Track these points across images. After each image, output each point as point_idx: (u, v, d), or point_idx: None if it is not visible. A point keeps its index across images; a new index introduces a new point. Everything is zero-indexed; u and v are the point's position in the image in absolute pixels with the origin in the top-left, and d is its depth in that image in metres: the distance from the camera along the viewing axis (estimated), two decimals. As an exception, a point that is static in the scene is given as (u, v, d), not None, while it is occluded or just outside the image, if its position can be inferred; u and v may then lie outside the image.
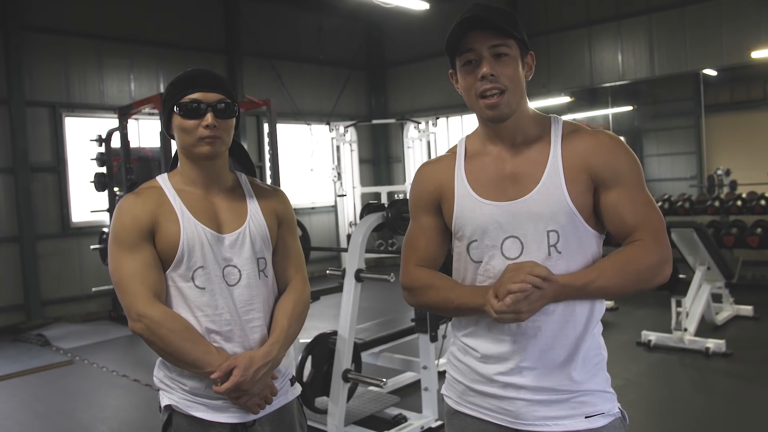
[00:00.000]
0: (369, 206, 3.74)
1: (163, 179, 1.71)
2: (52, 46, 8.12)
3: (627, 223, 1.43)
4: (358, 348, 3.85)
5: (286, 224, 1.81)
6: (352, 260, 3.54)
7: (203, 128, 1.60)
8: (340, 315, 3.52)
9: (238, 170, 1.85)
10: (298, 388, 1.85)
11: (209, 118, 1.60)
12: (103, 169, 7.78)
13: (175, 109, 1.62)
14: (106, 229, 7.84)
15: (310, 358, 3.55)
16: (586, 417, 1.43)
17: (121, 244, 1.62)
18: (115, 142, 7.61)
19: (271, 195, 1.81)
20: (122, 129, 7.45)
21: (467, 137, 1.62)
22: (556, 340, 1.43)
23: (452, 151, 1.61)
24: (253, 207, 1.74)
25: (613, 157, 1.44)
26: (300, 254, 1.85)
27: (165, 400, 1.70)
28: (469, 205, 1.49)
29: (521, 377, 1.44)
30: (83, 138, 8.11)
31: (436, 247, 1.61)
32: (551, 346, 1.44)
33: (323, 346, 3.58)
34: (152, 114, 8.11)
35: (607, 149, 1.45)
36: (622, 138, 1.52)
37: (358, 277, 3.51)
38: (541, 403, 1.43)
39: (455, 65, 1.49)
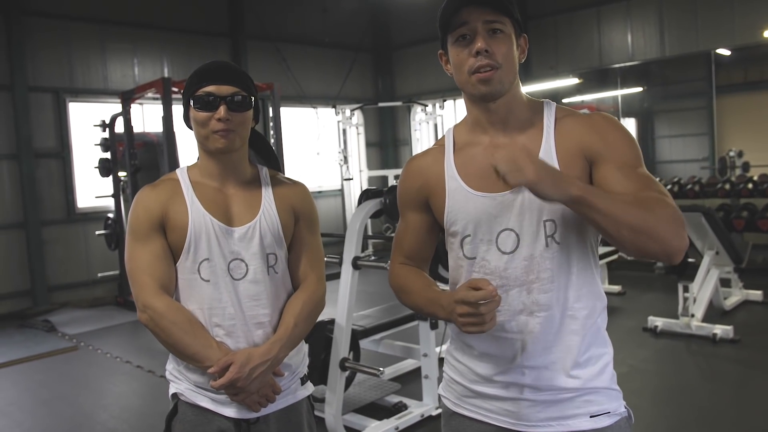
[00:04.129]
0: (367, 192, 3.69)
1: (181, 171, 1.72)
2: (54, 31, 8.08)
3: (629, 188, 1.29)
4: (357, 335, 3.82)
5: (305, 220, 1.77)
6: (350, 248, 3.50)
7: (216, 121, 1.58)
8: (338, 303, 3.48)
9: (261, 164, 1.82)
10: (309, 388, 1.82)
11: (222, 111, 1.58)
12: (108, 155, 7.76)
13: (190, 101, 1.62)
14: (111, 215, 7.85)
15: (307, 346, 3.52)
16: (590, 416, 1.37)
17: (134, 235, 1.65)
18: (119, 127, 7.57)
19: (290, 189, 1.77)
20: (126, 114, 7.40)
21: (455, 128, 1.55)
22: (557, 336, 1.37)
23: (440, 144, 1.55)
24: (268, 201, 1.71)
25: (606, 135, 1.37)
26: (318, 251, 1.81)
27: (173, 389, 1.72)
28: (461, 199, 1.43)
29: (523, 376, 1.39)
30: (87, 123, 8.06)
31: (421, 244, 1.59)
32: (553, 343, 1.37)
33: (321, 335, 3.55)
34: (156, 98, 8.06)
35: (599, 128, 1.38)
36: (629, 120, 1.42)
37: (356, 264, 3.46)
38: (544, 403, 1.38)
39: (446, 44, 1.42)
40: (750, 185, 7.79)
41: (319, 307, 1.77)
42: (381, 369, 3.40)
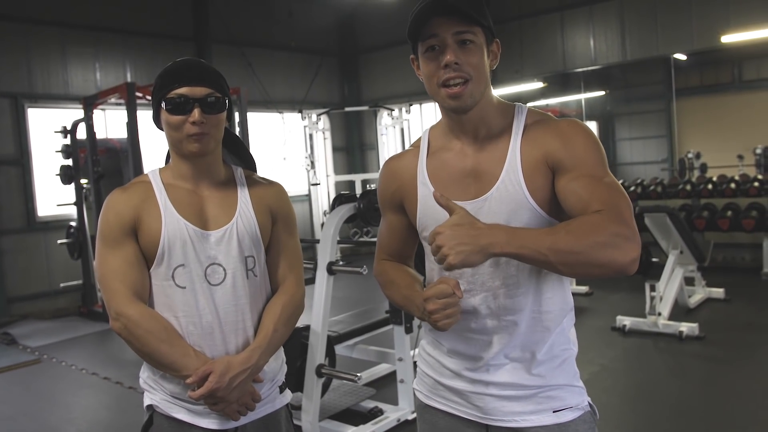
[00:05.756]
0: (340, 197, 3.67)
1: (153, 174, 1.66)
2: (12, 35, 7.84)
3: (583, 198, 1.28)
4: (332, 341, 3.80)
5: (282, 221, 1.73)
6: (324, 253, 3.47)
7: (190, 124, 1.53)
8: (313, 309, 3.45)
9: (236, 164, 1.77)
10: (287, 396, 1.78)
11: (196, 114, 1.53)
12: (69, 162, 7.57)
13: (162, 104, 1.56)
14: (74, 223, 7.65)
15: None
16: (554, 411, 1.42)
17: (104, 240, 1.59)
18: (81, 133, 7.40)
19: (266, 190, 1.73)
20: (88, 120, 7.24)
21: (431, 129, 1.55)
22: (523, 337, 1.41)
23: (416, 145, 1.55)
24: (244, 202, 1.66)
25: (569, 142, 1.35)
26: (296, 253, 1.77)
27: (147, 400, 1.66)
28: (431, 205, 1.42)
29: (488, 374, 1.43)
30: (48, 129, 7.86)
31: (402, 243, 1.62)
32: (518, 344, 1.41)
33: (296, 341, 3.52)
34: (119, 104, 7.90)
35: (563, 135, 1.36)
36: (592, 124, 1.43)
37: (331, 270, 3.44)
38: (508, 398, 1.42)
39: (417, 50, 1.42)
40: (710, 186, 8.01)
41: (298, 311, 1.74)
42: (358, 375, 3.38)
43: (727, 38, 8.12)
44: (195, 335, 1.58)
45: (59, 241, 7.67)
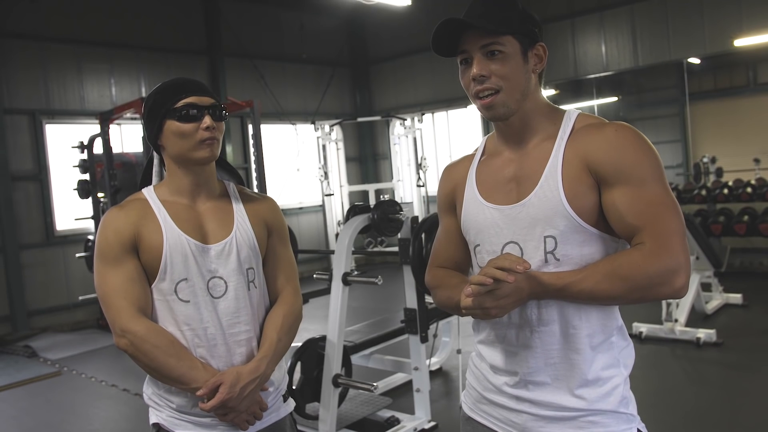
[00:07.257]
0: (354, 208, 3.69)
1: (148, 191, 1.69)
2: (29, 52, 7.99)
3: (627, 223, 1.28)
4: (348, 351, 3.81)
5: (276, 232, 1.78)
6: (339, 264, 3.50)
7: (203, 130, 1.58)
8: (329, 320, 3.47)
9: (226, 179, 1.82)
10: (291, 404, 1.82)
11: (208, 120, 1.59)
12: (86, 176, 7.67)
13: (167, 116, 1.59)
14: (91, 237, 7.74)
15: (299, 364, 3.50)
16: None
17: (104, 259, 1.60)
18: (98, 148, 7.50)
19: (260, 203, 1.78)
20: (104, 135, 7.33)
21: (489, 136, 1.57)
22: (560, 352, 1.36)
23: (475, 150, 1.59)
24: (240, 216, 1.70)
25: (615, 151, 1.30)
26: (292, 264, 1.82)
27: (153, 417, 1.69)
28: (474, 208, 1.46)
29: (527, 391, 1.39)
30: (65, 145, 7.99)
31: (457, 250, 1.59)
32: (556, 359, 1.37)
33: (312, 352, 3.54)
34: (134, 119, 8.02)
35: (609, 143, 1.31)
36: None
37: (346, 280, 3.46)
38: (547, 419, 1.38)
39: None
40: (725, 191, 7.95)
41: (298, 320, 1.77)
42: (375, 384, 3.40)
43: (740, 42, 8.08)
44: (200, 348, 1.61)
45: (77, 255, 7.76)
